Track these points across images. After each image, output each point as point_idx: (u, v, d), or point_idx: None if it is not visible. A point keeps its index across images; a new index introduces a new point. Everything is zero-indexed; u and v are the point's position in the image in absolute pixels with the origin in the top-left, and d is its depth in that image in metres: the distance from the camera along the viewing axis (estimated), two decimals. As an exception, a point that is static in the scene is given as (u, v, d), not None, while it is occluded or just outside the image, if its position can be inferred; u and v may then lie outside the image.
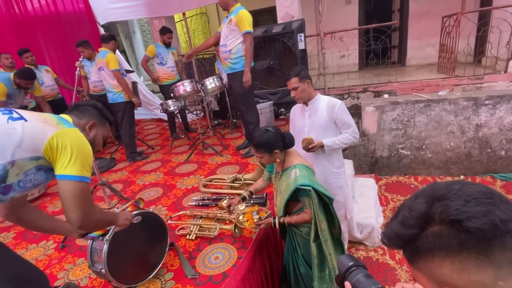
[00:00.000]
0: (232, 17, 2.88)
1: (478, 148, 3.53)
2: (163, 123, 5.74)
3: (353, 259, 0.75)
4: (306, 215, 1.56)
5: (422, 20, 6.29)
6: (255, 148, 1.59)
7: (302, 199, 1.56)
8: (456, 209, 0.41)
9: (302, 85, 2.02)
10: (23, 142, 0.98)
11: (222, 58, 3.11)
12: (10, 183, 0.98)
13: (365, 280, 0.69)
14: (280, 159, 1.62)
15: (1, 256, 1.03)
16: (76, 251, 1.98)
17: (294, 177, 1.55)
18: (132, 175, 3.24)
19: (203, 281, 1.55)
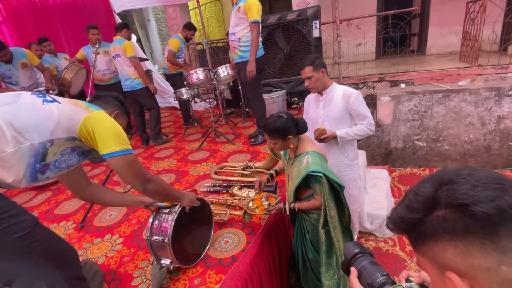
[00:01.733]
0: (241, 5, 2.82)
1: (499, 140, 3.39)
2: (177, 111, 5.80)
3: (359, 246, 0.76)
4: (316, 202, 1.57)
5: (445, 6, 5.99)
6: (268, 134, 1.58)
7: (313, 186, 1.56)
8: (462, 193, 0.41)
9: (317, 74, 1.97)
10: (60, 122, 1.06)
11: (232, 47, 3.10)
12: (48, 162, 1.06)
13: (370, 266, 0.69)
14: (294, 144, 1.62)
15: (39, 232, 1.11)
16: (93, 232, 2.08)
17: (306, 163, 1.55)
18: (146, 161, 3.33)
19: (212, 264, 1.61)
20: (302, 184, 1.57)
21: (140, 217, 2.18)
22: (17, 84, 3.46)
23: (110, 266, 1.71)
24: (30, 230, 1.05)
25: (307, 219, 1.70)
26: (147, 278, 1.57)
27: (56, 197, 2.71)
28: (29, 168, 1.02)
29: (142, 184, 1.21)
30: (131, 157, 1.17)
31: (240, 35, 2.91)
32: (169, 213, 1.51)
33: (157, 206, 1.54)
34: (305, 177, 1.53)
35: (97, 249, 1.89)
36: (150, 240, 1.50)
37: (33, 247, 1.06)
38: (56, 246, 1.20)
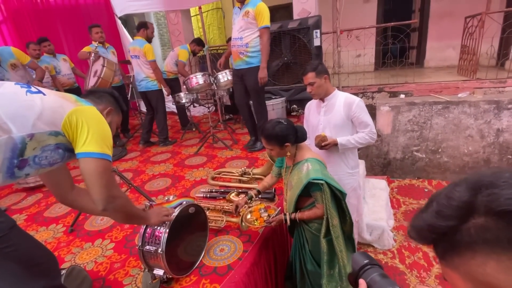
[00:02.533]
0: (250, 9, 2.77)
1: (498, 154, 3.38)
2: (175, 116, 5.76)
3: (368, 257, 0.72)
4: (318, 211, 1.52)
5: (443, 20, 6.09)
6: (266, 139, 1.54)
7: (314, 194, 1.51)
8: (508, 199, 0.35)
9: (319, 80, 1.95)
10: (43, 114, 0.97)
11: (236, 52, 2.98)
12: (26, 157, 0.96)
13: (380, 279, 0.65)
14: (291, 152, 1.58)
15: (14, 237, 1.02)
16: (84, 236, 2.00)
17: (306, 171, 1.50)
18: (142, 165, 3.26)
19: (207, 272, 1.54)
20: (302, 192, 1.52)
21: (133, 222, 2.10)
22: None
23: (99, 273, 1.63)
24: (4, 234, 0.97)
25: (307, 229, 1.64)
26: (137, 286, 1.50)
27: (47, 199, 2.62)
28: (6, 162, 0.92)
29: (106, 199, 1.03)
30: (107, 165, 1.04)
31: (248, 40, 2.84)
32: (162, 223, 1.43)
33: None
34: (306, 186, 1.47)
35: (87, 254, 1.80)
36: (142, 250, 1.42)
37: (6, 253, 0.97)
38: (33, 252, 1.11)
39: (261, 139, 3.11)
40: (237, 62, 3.00)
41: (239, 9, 2.87)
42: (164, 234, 1.38)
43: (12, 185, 2.95)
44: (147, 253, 1.40)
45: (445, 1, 5.99)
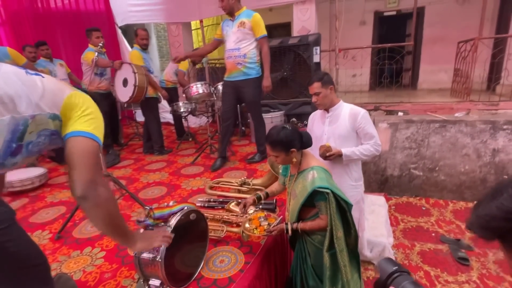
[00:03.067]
0: (245, 20, 2.74)
1: (494, 174, 3.41)
2: (171, 126, 5.69)
3: (396, 264, 0.69)
4: (322, 222, 1.44)
5: (436, 45, 6.34)
6: (271, 146, 1.49)
7: (318, 204, 1.44)
8: None
9: (325, 90, 1.95)
10: (44, 96, 0.91)
11: (233, 63, 2.86)
12: (23, 143, 0.89)
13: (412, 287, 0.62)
14: (297, 159, 1.52)
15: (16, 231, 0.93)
16: (72, 243, 1.87)
17: (311, 179, 1.44)
18: (136, 173, 3.15)
19: (206, 285, 1.43)
20: (306, 202, 1.45)
21: (126, 230, 1.98)
22: None
23: (87, 283, 1.50)
24: (7, 225, 0.87)
25: (310, 241, 1.55)
26: (130, 298, 1.37)
27: (33, 204, 2.48)
28: (4, 146, 0.84)
29: (88, 183, 0.90)
30: (98, 150, 0.97)
31: (246, 51, 2.82)
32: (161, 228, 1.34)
33: (145, 224, 1.36)
34: (311, 194, 1.41)
35: (74, 263, 1.67)
36: (139, 257, 1.32)
37: (6, 248, 0.88)
38: (30, 251, 1.02)
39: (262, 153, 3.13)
40: (233, 74, 2.91)
41: (231, 21, 2.83)
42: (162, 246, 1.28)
43: (-4, 188, 2.79)
44: (144, 261, 1.29)
45: (437, 27, 6.27)
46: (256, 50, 2.88)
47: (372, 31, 6.90)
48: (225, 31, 2.88)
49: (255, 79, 2.91)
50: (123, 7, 5.68)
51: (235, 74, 2.91)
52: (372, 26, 6.87)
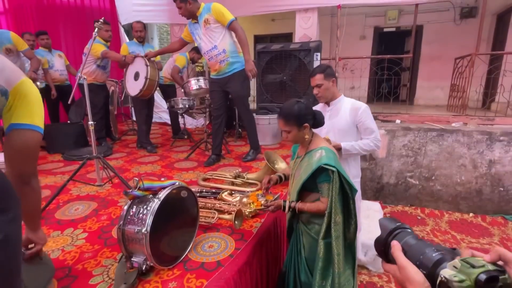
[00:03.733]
0: (207, 16, 2.64)
1: (490, 185, 3.38)
2: (167, 127, 5.64)
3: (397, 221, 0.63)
4: (322, 205, 1.36)
5: (433, 62, 6.47)
6: (284, 119, 1.40)
7: (320, 186, 1.36)
8: None
9: (327, 82, 1.92)
10: (4, 70, 0.93)
11: (216, 62, 2.80)
12: None
13: (416, 242, 0.56)
14: (309, 136, 1.44)
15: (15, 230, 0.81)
16: (53, 224, 1.76)
17: (318, 157, 1.36)
18: (127, 164, 3.06)
19: (193, 267, 1.34)
20: (308, 184, 1.38)
21: (112, 214, 1.88)
22: None
23: (65, 262, 1.39)
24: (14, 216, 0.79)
25: (306, 231, 1.48)
26: (110, 277, 1.27)
27: (16, 187, 2.36)
28: None
29: (34, 172, 1.04)
30: (39, 139, 1.02)
31: (224, 45, 2.72)
32: (150, 200, 1.28)
33: (133, 195, 1.30)
34: (315, 172, 1.33)
35: (53, 242, 1.57)
36: (123, 229, 1.24)
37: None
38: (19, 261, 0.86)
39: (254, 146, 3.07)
40: (220, 72, 2.85)
41: (196, 23, 2.75)
42: (151, 211, 1.21)
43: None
44: (129, 234, 1.21)
45: (434, 45, 6.42)
46: (232, 40, 2.78)
47: (372, 45, 7.04)
48: (196, 35, 2.79)
49: (240, 71, 2.82)
50: (128, 6, 5.72)
51: (222, 72, 2.84)
52: (371, 41, 7.01)
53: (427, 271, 0.51)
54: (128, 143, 4.13)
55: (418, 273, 0.52)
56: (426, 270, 0.51)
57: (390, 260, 0.60)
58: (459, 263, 0.46)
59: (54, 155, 3.38)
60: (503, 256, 0.48)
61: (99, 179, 2.25)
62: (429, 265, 0.51)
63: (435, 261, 0.51)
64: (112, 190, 2.29)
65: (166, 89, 4.42)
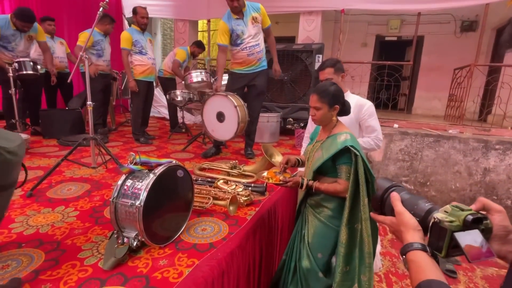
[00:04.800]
0: (256, 15, 2.74)
1: (483, 193, 3.40)
2: (165, 121, 5.62)
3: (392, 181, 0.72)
4: (339, 186, 1.36)
5: (432, 73, 6.55)
6: (319, 95, 1.41)
7: (340, 167, 1.36)
8: None
9: (336, 77, 1.93)
10: None
11: (254, 59, 2.83)
12: None
13: (410, 197, 0.64)
14: (335, 119, 1.46)
15: None
16: (44, 202, 1.73)
17: (344, 139, 1.37)
18: (123, 152, 3.04)
19: (185, 247, 1.31)
20: (325, 167, 1.39)
21: (105, 195, 1.86)
22: (11, 50, 3.30)
23: (54, 236, 1.36)
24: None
25: (314, 215, 1.48)
26: (99, 252, 1.25)
27: (8, 166, 2.32)
28: None
29: None
30: None
31: (262, 44, 2.88)
32: (146, 175, 1.27)
33: (129, 169, 1.29)
34: (334, 156, 1.34)
35: (43, 217, 1.54)
36: (116, 202, 1.22)
37: None
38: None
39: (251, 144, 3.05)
40: (252, 67, 2.89)
41: (239, 19, 2.74)
42: (143, 192, 1.19)
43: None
44: (122, 208, 1.19)
45: (434, 56, 6.51)
46: (266, 38, 2.95)
47: (373, 53, 7.11)
48: (239, 30, 2.76)
49: (267, 69, 2.99)
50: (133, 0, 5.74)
51: (252, 67, 2.88)
52: (372, 49, 7.09)
53: (420, 218, 0.58)
54: (125, 133, 4.10)
55: (412, 218, 0.59)
56: (419, 217, 0.58)
57: (386, 214, 0.67)
58: (450, 208, 0.53)
59: (49, 140, 3.34)
60: (486, 205, 0.54)
61: (94, 162, 2.22)
62: (422, 214, 0.58)
63: (426, 209, 0.58)
64: (106, 174, 2.26)
65: (166, 82, 4.40)
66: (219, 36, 2.77)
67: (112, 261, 1.13)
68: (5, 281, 1.04)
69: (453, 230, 0.50)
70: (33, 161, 2.51)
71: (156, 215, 1.27)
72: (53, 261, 1.18)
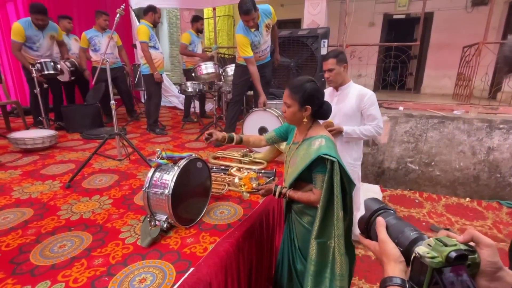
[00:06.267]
0: (268, 21, 2.87)
1: (487, 171, 3.51)
2: (177, 110, 5.82)
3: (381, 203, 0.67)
4: (312, 196, 1.27)
5: (442, 51, 6.44)
6: (291, 90, 1.28)
7: (315, 176, 1.26)
8: None
9: (339, 67, 2.02)
10: None
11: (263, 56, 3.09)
12: None
13: (396, 222, 0.59)
14: (307, 121, 1.32)
15: None
16: (81, 192, 1.98)
17: (318, 146, 1.26)
18: (142, 143, 3.26)
19: (207, 228, 1.54)
20: (304, 174, 1.28)
21: (132, 185, 2.09)
22: (36, 50, 3.55)
23: (96, 221, 1.61)
24: None
25: (298, 221, 1.39)
26: (136, 233, 1.48)
27: (43, 160, 2.59)
28: None
29: None
30: None
31: (270, 41, 3.06)
32: (171, 168, 1.47)
33: (157, 163, 1.50)
34: (312, 162, 1.23)
35: (84, 205, 1.78)
36: (148, 192, 1.44)
37: None
38: None
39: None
40: (259, 61, 3.07)
41: (256, 30, 2.83)
42: (171, 183, 1.40)
43: (9, 145, 2.91)
44: (153, 196, 1.41)
45: (444, 33, 6.37)
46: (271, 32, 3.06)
47: (380, 33, 7.01)
48: (256, 41, 2.88)
49: (271, 60, 3.20)
50: (139, -10, 5.79)
51: (260, 61, 3.09)
52: (380, 28, 6.98)
53: (404, 248, 0.54)
54: (141, 124, 4.33)
55: (394, 249, 0.55)
56: (403, 247, 0.54)
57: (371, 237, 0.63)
58: (433, 242, 0.49)
59: (73, 134, 3.60)
60: (475, 237, 0.50)
61: (119, 155, 2.45)
62: (406, 243, 0.54)
63: (411, 239, 0.54)
64: (130, 165, 2.50)
65: (187, 73, 4.56)
66: (243, 50, 2.80)
67: (149, 239, 1.36)
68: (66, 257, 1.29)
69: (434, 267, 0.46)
70: (63, 155, 2.77)
71: (181, 201, 1.49)
72: (99, 241, 1.42)
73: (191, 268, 1.22)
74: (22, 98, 4.72)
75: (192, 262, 1.26)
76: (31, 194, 1.92)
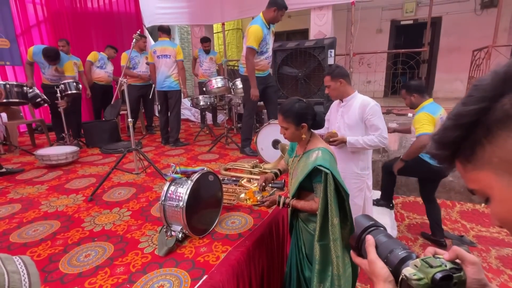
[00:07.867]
0: (273, 28, 3.28)
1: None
2: (189, 122, 6.01)
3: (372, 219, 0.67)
4: (314, 205, 1.37)
5: (452, 54, 6.39)
6: (283, 115, 1.41)
7: (315, 186, 1.37)
8: None
9: (334, 83, 2.07)
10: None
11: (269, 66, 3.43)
12: None
13: (386, 240, 0.59)
14: (306, 136, 1.44)
15: None
16: (102, 205, 2.12)
17: (314, 158, 1.37)
18: (157, 156, 3.41)
19: (219, 237, 1.63)
20: (305, 184, 1.39)
21: (149, 197, 2.22)
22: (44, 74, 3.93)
23: (117, 232, 1.73)
24: None
25: (305, 229, 1.47)
26: (153, 243, 1.59)
27: (67, 175, 2.77)
28: None
29: None
30: None
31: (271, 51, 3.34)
32: (185, 182, 1.58)
33: (172, 177, 1.61)
34: (309, 174, 1.35)
35: (105, 218, 1.91)
36: (164, 204, 1.55)
37: None
38: None
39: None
40: (266, 71, 3.44)
41: (269, 30, 3.20)
42: (185, 195, 1.51)
43: (35, 161, 3.12)
44: (169, 208, 1.52)
45: (454, 37, 6.33)
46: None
47: (388, 39, 7.03)
48: (267, 39, 3.19)
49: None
50: (151, 9, 6.10)
51: (267, 71, 3.43)
52: (388, 34, 7.01)
53: (393, 268, 0.54)
54: (155, 138, 4.51)
55: (384, 268, 0.55)
56: (392, 266, 0.54)
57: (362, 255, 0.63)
58: (419, 262, 0.49)
59: (92, 149, 3.80)
60: (460, 255, 0.51)
61: (136, 168, 2.59)
62: (395, 262, 0.54)
63: (400, 259, 0.54)
64: (147, 178, 2.63)
65: (201, 86, 4.86)
66: (252, 39, 2.96)
67: (165, 249, 1.46)
68: (91, 266, 1.40)
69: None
70: (84, 170, 2.95)
71: (195, 212, 1.59)
72: (120, 250, 1.53)
73: (205, 275, 1.31)
74: (45, 116, 5.01)
75: (205, 270, 1.35)
76: (58, 207, 2.07)
